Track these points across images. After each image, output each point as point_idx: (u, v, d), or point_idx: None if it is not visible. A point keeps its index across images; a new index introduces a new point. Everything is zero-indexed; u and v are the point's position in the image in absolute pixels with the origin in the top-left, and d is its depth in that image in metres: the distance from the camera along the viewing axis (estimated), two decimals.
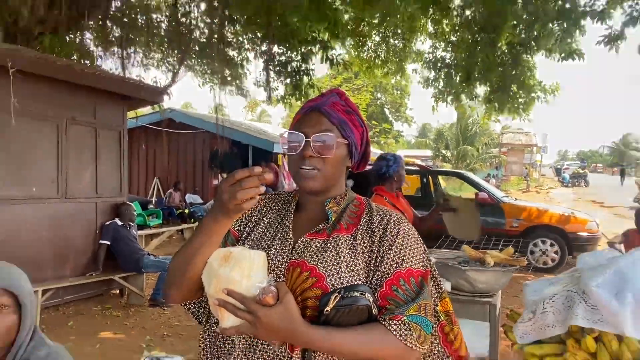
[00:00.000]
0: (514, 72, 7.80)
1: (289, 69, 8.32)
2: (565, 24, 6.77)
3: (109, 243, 5.40)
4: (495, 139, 34.57)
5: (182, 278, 1.10)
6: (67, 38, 6.62)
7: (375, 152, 18.67)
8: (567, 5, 6.65)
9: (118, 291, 5.79)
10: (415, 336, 1.03)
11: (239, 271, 0.99)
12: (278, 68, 8.42)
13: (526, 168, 32.61)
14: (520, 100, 8.27)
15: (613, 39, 6.46)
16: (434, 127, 45.17)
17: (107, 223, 5.46)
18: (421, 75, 9.85)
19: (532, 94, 8.25)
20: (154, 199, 12.30)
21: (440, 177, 10.08)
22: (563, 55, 7.17)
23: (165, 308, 5.35)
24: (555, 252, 7.52)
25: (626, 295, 1.11)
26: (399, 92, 36.47)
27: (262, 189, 0.98)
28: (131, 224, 5.73)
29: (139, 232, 6.90)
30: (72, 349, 1.47)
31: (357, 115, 1.21)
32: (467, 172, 11.46)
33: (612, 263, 1.24)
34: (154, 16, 8.36)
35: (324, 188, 1.17)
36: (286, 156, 1.21)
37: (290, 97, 8.53)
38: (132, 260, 5.43)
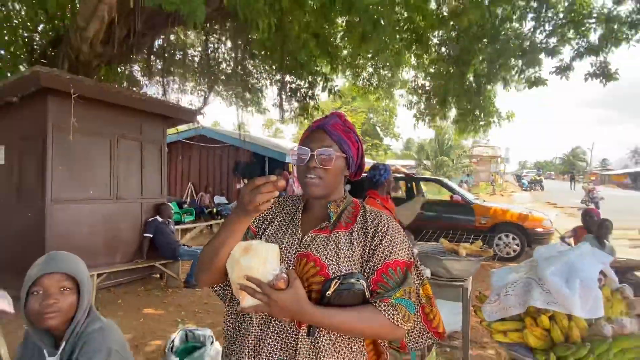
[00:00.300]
0: (479, 99, 7.79)
1: (298, 95, 8.36)
2: (525, 59, 6.75)
3: (151, 236, 5.40)
4: (467, 152, 34.52)
5: (210, 265, 1.10)
6: (119, 69, 6.65)
7: (368, 162, 18.60)
8: (527, 44, 6.63)
9: (158, 275, 5.79)
10: (400, 315, 1.03)
11: (257, 260, 1.00)
12: (289, 93, 8.45)
13: (492, 175, 32.44)
14: (481, 123, 8.28)
15: (563, 70, 6.43)
16: (416, 142, 45.05)
17: (150, 219, 5.46)
18: (406, 99, 9.91)
19: (491, 119, 8.26)
20: (188, 200, 12.31)
21: (422, 183, 10.06)
22: (528, 83, 7.13)
23: (197, 289, 5.33)
24: (517, 245, 7.44)
25: (575, 281, 1.09)
26: (387, 113, 36.40)
27: (276, 193, 0.98)
28: (170, 220, 5.73)
29: (176, 227, 6.90)
30: (121, 322, 1.47)
31: (354, 133, 1.22)
32: (444, 179, 11.40)
33: (563, 255, 1.22)
34: (189, 51, 8.41)
35: (325, 193, 1.18)
36: (295, 166, 1.21)
37: (299, 117, 8.56)
38: (170, 250, 5.42)
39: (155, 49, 7.53)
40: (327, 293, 1.01)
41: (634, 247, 8.31)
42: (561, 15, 6.28)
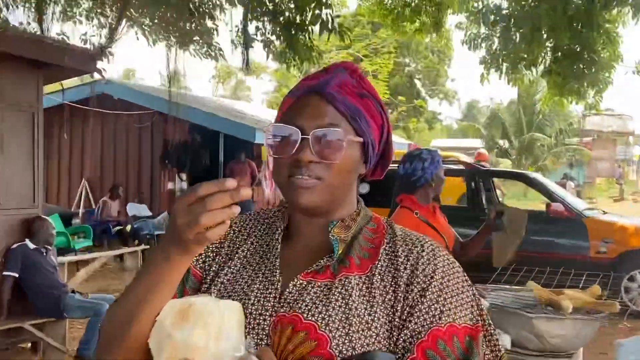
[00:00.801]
0: (591, 35, 7.91)
1: (280, 20, 8.38)
2: None
3: (16, 275, 5.40)
4: (574, 124, 34.65)
5: (120, 343, 1.11)
6: None
7: (400, 143, 18.71)
8: None
9: (29, 345, 5.81)
10: None
11: (203, 333, 1.00)
12: (263, 19, 8.48)
13: (620, 166, 32.74)
14: (590, 78, 8.41)
15: None
16: (486, 107, 45.44)
17: (14, 246, 5.47)
18: (468, 31, 9.99)
19: (608, 73, 8.39)
20: (80, 211, 12.37)
21: (495, 181, 10.15)
22: None
23: None
24: None
25: None
26: (435, 56, 36.75)
27: (237, 209, 0.97)
28: (48, 247, 5.74)
29: (60, 258, 6.92)
30: None
31: (375, 100, 1.23)
32: (534, 174, 11.51)
33: None
34: None
35: (326, 206, 1.19)
36: (271, 158, 1.21)
37: (285, 60, 8.60)
38: (50, 299, 5.45)
39: None
40: None
41: None
42: None
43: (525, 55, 8.96)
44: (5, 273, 5.37)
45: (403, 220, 3.32)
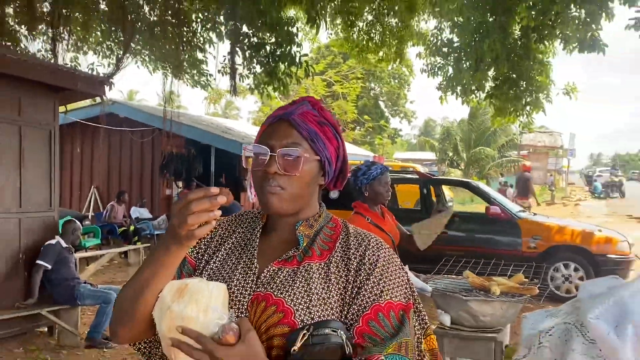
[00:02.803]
0: (528, 64, 8.05)
1: (262, 54, 8.41)
2: (586, 8, 7.02)
3: (49, 267, 5.36)
4: (514, 140, 34.96)
5: (131, 315, 1.17)
6: None
7: (366, 155, 18.83)
8: None
9: (46, 329, 5.75)
10: None
11: (195, 306, 1.07)
12: (249, 52, 8.50)
13: (551, 175, 33.16)
14: (526, 99, 8.52)
15: None
16: (440, 125, 45.68)
17: (52, 242, 5.45)
18: (425, 60, 9.96)
19: (541, 94, 8.50)
20: (90, 214, 12.22)
21: (444, 188, 10.29)
22: (580, 44, 7.42)
23: (105, 350, 5.35)
24: (580, 278, 7.64)
25: (626, 327, 1.23)
26: (397, 82, 36.86)
27: (218, 213, 1.06)
28: (73, 246, 5.74)
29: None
30: None
31: (332, 126, 1.30)
32: (476, 182, 11.68)
33: (613, 292, 1.37)
34: None
35: (290, 210, 1.25)
36: (250, 171, 1.29)
37: (266, 85, 8.60)
38: (67, 289, 5.42)
39: None
40: (293, 349, 1.08)
41: None
42: None
43: (471, 82, 9.09)
44: (40, 262, 5.33)
45: (355, 224, 3.37)
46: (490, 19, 8.08)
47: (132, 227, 10.70)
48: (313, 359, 1.09)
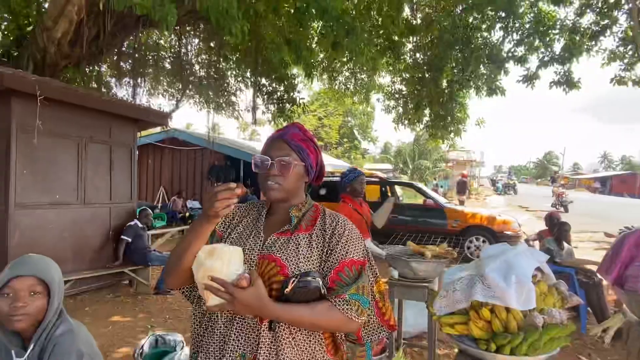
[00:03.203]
0: (452, 105, 8.10)
1: (275, 97, 8.43)
2: (491, 67, 7.08)
3: (130, 240, 5.35)
4: (443, 156, 35.24)
5: (177, 268, 1.17)
6: (87, 70, 6.58)
7: (345, 165, 18.88)
8: (494, 52, 6.97)
9: (127, 282, 5.72)
10: (354, 309, 1.13)
11: (221, 262, 1.08)
12: (265, 96, 8.52)
13: (467, 179, 33.24)
14: (451, 129, 8.59)
15: (530, 78, 6.79)
16: (395, 145, 45.71)
17: (132, 223, 5.42)
18: (383, 103, 10.11)
19: (460, 125, 8.56)
20: (159, 205, 12.13)
21: (396, 187, 10.29)
22: (488, 91, 7.49)
23: (167, 296, 5.32)
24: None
25: (511, 277, 1.24)
26: (365, 117, 36.99)
27: (234, 200, 1.06)
28: (146, 226, 5.70)
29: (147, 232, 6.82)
30: (88, 329, 1.53)
31: (312, 142, 1.30)
32: (418, 183, 11.71)
33: (503, 254, 1.38)
34: (161, 53, 8.37)
35: (284, 198, 1.26)
36: (257, 173, 1.28)
37: (278, 118, 8.65)
38: (141, 255, 5.39)
39: (125, 50, 7.47)
40: (286, 290, 1.10)
41: (599, 249, 8.74)
42: (527, 25, 6.63)
43: (414, 117, 9.15)
44: (123, 237, 5.34)
45: (343, 209, 3.49)
46: (427, 75, 8.12)
47: (187, 214, 10.65)
48: (299, 297, 1.11)
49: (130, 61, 7.74)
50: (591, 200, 24.59)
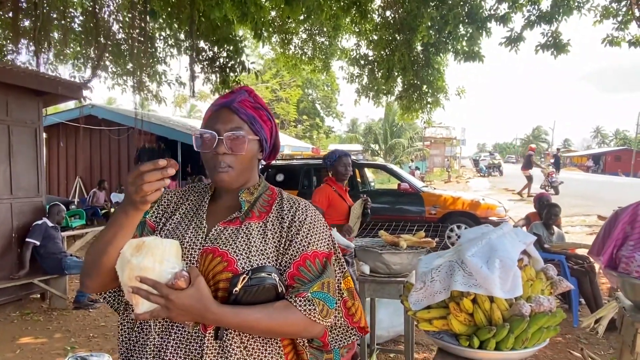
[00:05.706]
0: (427, 72, 8.24)
1: (217, 65, 8.20)
2: (471, 27, 7.25)
3: (37, 243, 5.13)
4: (419, 133, 36.00)
5: (97, 269, 1.12)
6: None
7: (306, 147, 18.91)
8: (474, 10, 7.12)
9: (39, 295, 5.50)
10: (318, 310, 1.11)
11: (151, 258, 1.03)
12: (205, 63, 8.27)
13: (447, 160, 34.34)
14: (428, 99, 8.73)
15: (513, 40, 7.01)
16: (363, 123, 46.23)
17: (39, 222, 5.21)
18: (347, 71, 10.08)
19: (439, 94, 8.72)
20: (76, 199, 11.68)
21: (367, 170, 10.44)
22: (465, 56, 7.68)
23: (90, 310, 5.16)
24: None
25: (494, 261, 1.29)
26: (329, 88, 36.98)
27: (167, 181, 0.99)
28: (58, 225, 5.49)
29: (62, 233, 6.55)
30: None
31: (265, 110, 1.26)
32: (391, 165, 11.94)
33: (485, 236, 1.43)
34: (69, 10, 7.91)
35: (237, 183, 1.22)
36: (201, 153, 1.22)
37: (222, 90, 8.43)
38: (55, 262, 5.19)
39: (22, 4, 7.00)
40: (234, 290, 1.06)
41: (592, 233, 9.28)
42: None
43: (384, 87, 9.22)
44: (29, 240, 5.11)
45: (324, 190, 3.85)
46: (398, 37, 8.19)
47: (112, 210, 10.30)
48: (251, 297, 1.08)
49: (31, 18, 7.25)
50: (584, 180, 26.04)
